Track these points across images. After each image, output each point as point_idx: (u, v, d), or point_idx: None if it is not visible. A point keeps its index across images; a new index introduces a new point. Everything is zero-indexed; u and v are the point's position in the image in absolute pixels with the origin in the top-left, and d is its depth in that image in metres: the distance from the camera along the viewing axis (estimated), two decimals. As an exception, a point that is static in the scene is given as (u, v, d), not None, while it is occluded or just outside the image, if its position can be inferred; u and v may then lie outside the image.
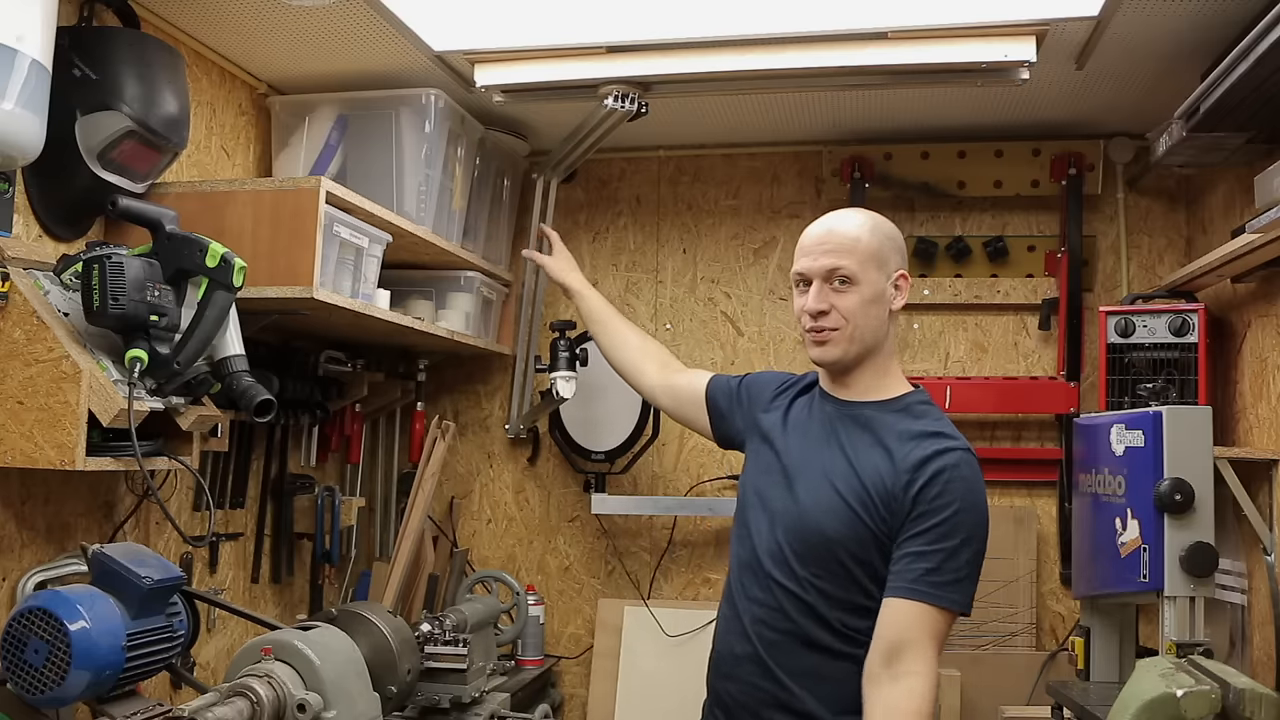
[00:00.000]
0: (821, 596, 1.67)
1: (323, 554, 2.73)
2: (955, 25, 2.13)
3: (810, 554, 1.68)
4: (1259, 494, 2.23)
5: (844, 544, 1.65)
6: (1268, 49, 1.76)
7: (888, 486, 1.64)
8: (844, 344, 1.73)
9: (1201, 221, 2.74)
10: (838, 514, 1.66)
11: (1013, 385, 2.84)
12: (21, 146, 1.57)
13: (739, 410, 1.98)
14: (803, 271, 1.75)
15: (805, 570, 1.68)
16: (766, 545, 1.73)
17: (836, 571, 1.66)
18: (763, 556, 1.73)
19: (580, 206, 3.14)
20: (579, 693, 3.00)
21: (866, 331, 1.73)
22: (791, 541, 1.70)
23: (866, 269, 1.71)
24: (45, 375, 1.64)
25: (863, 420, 1.75)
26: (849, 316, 1.71)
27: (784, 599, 1.69)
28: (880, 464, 1.67)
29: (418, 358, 3.00)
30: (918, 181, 2.90)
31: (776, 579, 1.70)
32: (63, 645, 1.46)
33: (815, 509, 1.69)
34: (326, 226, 2.03)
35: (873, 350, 1.75)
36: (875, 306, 1.73)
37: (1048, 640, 2.78)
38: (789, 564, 1.69)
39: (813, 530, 1.68)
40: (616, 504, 2.95)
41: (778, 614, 1.70)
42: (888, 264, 1.74)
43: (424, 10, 2.16)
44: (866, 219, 1.76)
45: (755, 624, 1.72)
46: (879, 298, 1.73)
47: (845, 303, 1.71)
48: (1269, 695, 1.52)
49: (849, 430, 1.75)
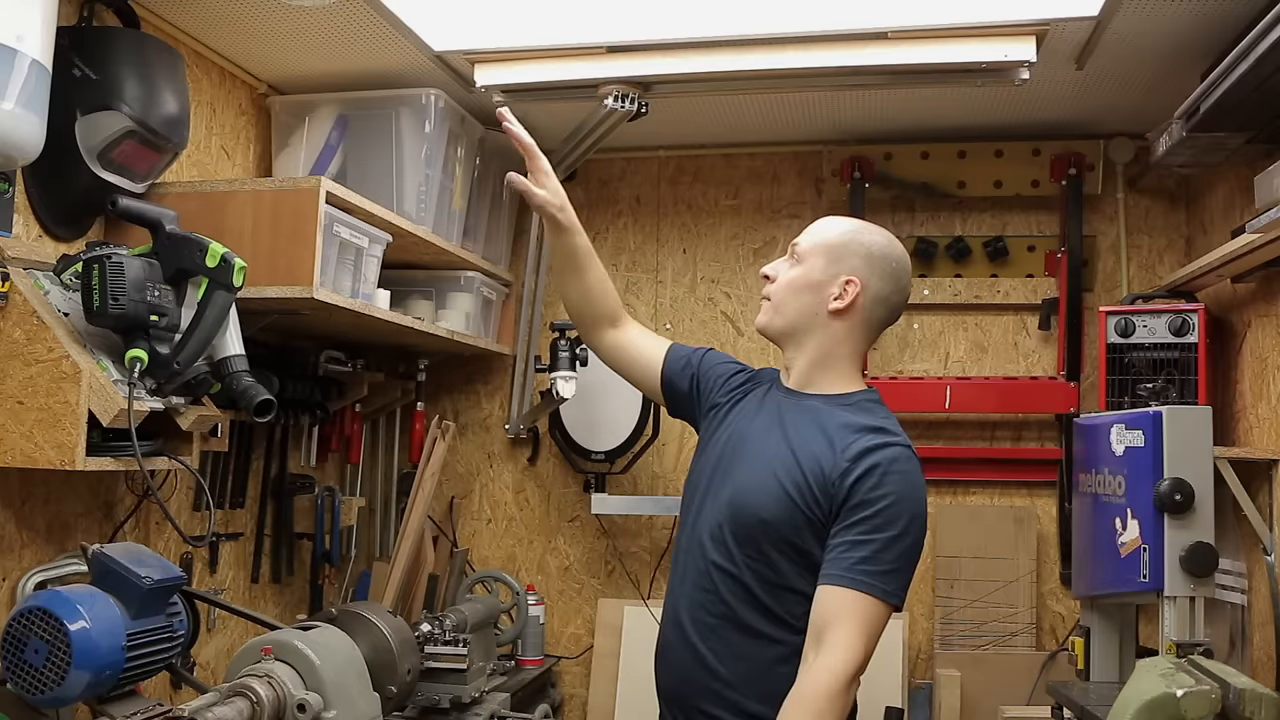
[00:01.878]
0: (757, 579, 1.68)
1: (323, 554, 2.73)
2: (955, 25, 2.13)
3: (748, 536, 1.69)
4: (1259, 494, 2.23)
5: (780, 527, 1.67)
6: (1268, 49, 1.76)
7: (825, 473, 1.66)
8: (769, 313, 1.80)
9: (1201, 221, 2.74)
10: (774, 498, 1.68)
11: (1013, 385, 2.84)
12: (21, 146, 1.57)
13: (696, 394, 1.97)
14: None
15: (741, 552, 1.69)
16: (708, 528, 1.75)
17: (771, 555, 1.68)
18: (704, 539, 1.74)
19: (580, 206, 3.09)
20: (579, 693, 3.00)
21: (789, 310, 1.77)
22: (730, 525, 1.71)
23: (815, 255, 1.76)
24: (45, 375, 1.64)
25: (809, 410, 1.77)
26: (779, 289, 1.78)
27: (721, 581, 1.70)
28: (820, 452, 1.68)
29: (418, 358, 3.00)
30: (918, 181, 2.90)
31: (716, 561, 1.71)
32: (63, 645, 1.46)
33: (753, 492, 1.71)
34: (326, 226, 2.03)
35: (796, 336, 1.77)
36: (807, 293, 1.75)
37: (1048, 640, 2.78)
38: (727, 545, 1.71)
39: (749, 514, 1.70)
40: (616, 504, 2.95)
41: (713, 597, 1.71)
42: (840, 262, 1.74)
43: (424, 10, 2.16)
44: (857, 225, 1.80)
45: (691, 608, 1.73)
46: (813, 286, 1.74)
47: (784, 276, 1.78)
48: (1269, 695, 1.52)
49: (794, 418, 1.77)
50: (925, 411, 2.86)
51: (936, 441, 2.90)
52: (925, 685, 2.78)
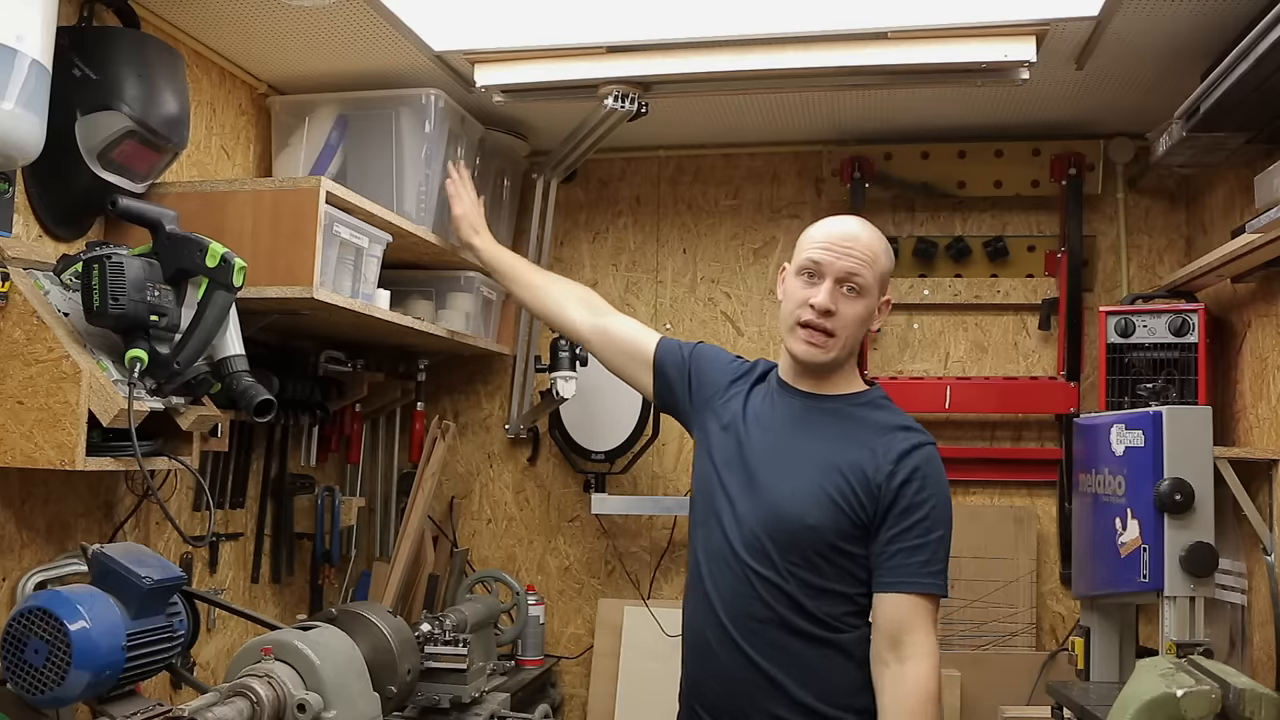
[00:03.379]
0: (802, 586, 1.69)
1: (323, 554, 2.73)
2: (955, 25, 2.13)
3: (791, 544, 1.70)
4: (1259, 494, 2.23)
5: (826, 533, 1.69)
6: (1268, 49, 1.76)
7: (868, 476, 1.69)
8: (835, 350, 1.77)
9: (1201, 221, 2.74)
10: (819, 504, 1.69)
11: (1013, 385, 2.84)
12: (21, 146, 1.56)
13: (688, 386, 1.97)
14: (820, 263, 1.75)
15: (785, 560, 1.70)
16: (742, 536, 1.74)
17: (817, 561, 1.69)
18: (738, 548, 1.74)
19: (580, 206, 3.14)
20: (579, 693, 3.00)
21: (854, 342, 1.79)
22: (771, 532, 1.71)
23: (875, 286, 1.77)
24: (45, 375, 1.64)
25: (834, 412, 1.79)
26: (849, 325, 1.75)
27: (763, 588, 1.71)
28: (858, 455, 1.71)
29: (418, 358, 3.00)
30: (918, 181, 2.90)
31: (755, 569, 1.72)
32: (63, 645, 1.46)
33: (795, 499, 1.71)
34: (326, 226, 2.02)
35: (850, 356, 1.83)
36: (867, 323, 1.79)
37: (1048, 640, 2.78)
38: (768, 554, 1.71)
39: (794, 520, 1.70)
40: (616, 504, 2.95)
41: (757, 603, 1.71)
42: (884, 286, 1.81)
43: (424, 10, 2.16)
44: (881, 238, 1.81)
45: (732, 613, 1.73)
46: (871, 316, 1.79)
47: (850, 310, 1.75)
48: (1269, 695, 1.52)
49: (821, 422, 1.78)
50: (925, 411, 2.85)
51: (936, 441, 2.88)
52: (925, 685, 2.77)
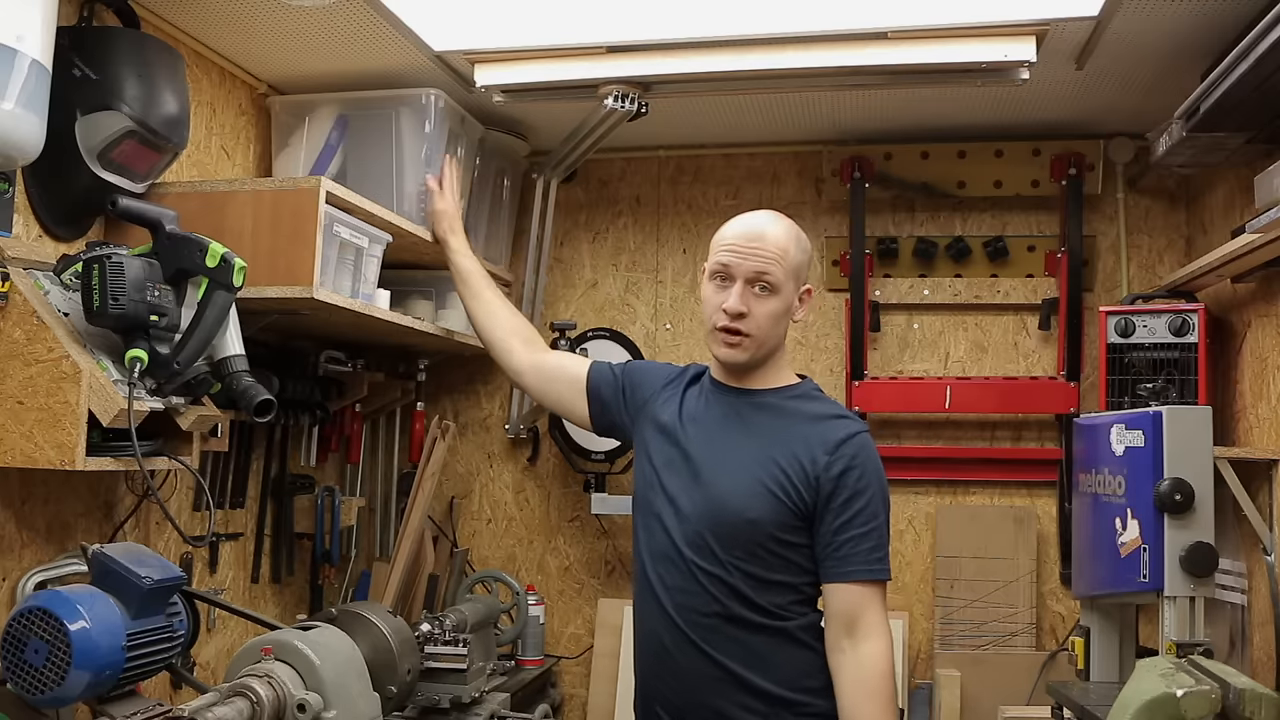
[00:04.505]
0: (747, 579, 1.72)
1: (323, 554, 2.73)
2: (955, 25, 2.13)
3: (733, 538, 1.73)
4: (1259, 494, 2.23)
5: (767, 526, 1.72)
6: (1268, 49, 1.76)
7: (805, 467, 1.72)
8: (753, 349, 1.80)
9: (1201, 221, 2.74)
10: (758, 497, 1.73)
11: (1013, 385, 2.84)
12: (21, 146, 1.56)
13: (623, 399, 2.01)
14: (727, 265, 1.78)
15: (729, 555, 1.73)
16: (684, 534, 1.76)
17: (760, 554, 1.72)
18: (682, 546, 1.76)
19: (580, 206, 3.14)
20: (579, 693, 3.00)
21: (773, 339, 1.82)
22: (713, 528, 1.74)
23: (787, 281, 1.79)
24: (45, 375, 1.64)
25: (766, 406, 1.82)
26: (763, 324, 1.78)
27: (709, 584, 1.73)
28: (795, 446, 1.74)
29: (418, 358, 3.00)
30: (918, 181, 2.90)
31: (700, 565, 1.74)
32: (63, 645, 1.46)
33: (735, 494, 1.74)
34: (326, 226, 2.02)
35: (773, 352, 1.84)
36: (785, 318, 1.82)
37: (1048, 640, 2.78)
38: (712, 550, 1.74)
39: (734, 515, 1.73)
40: (616, 504, 2.95)
41: (704, 598, 1.74)
42: (800, 277, 1.83)
43: (424, 10, 2.16)
44: (791, 229, 1.82)
45: (681, 611, 1.75)
46: (789, 310, 1.82)
47: (763, 309, 1.77)
48: (1269, 695, 1.52)
49: (754, 417, 1.82)
50: (925, 411, 2.86)
51: (936, 441, 2.90)
52: (925, 685, 2.78)
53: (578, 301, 3.12)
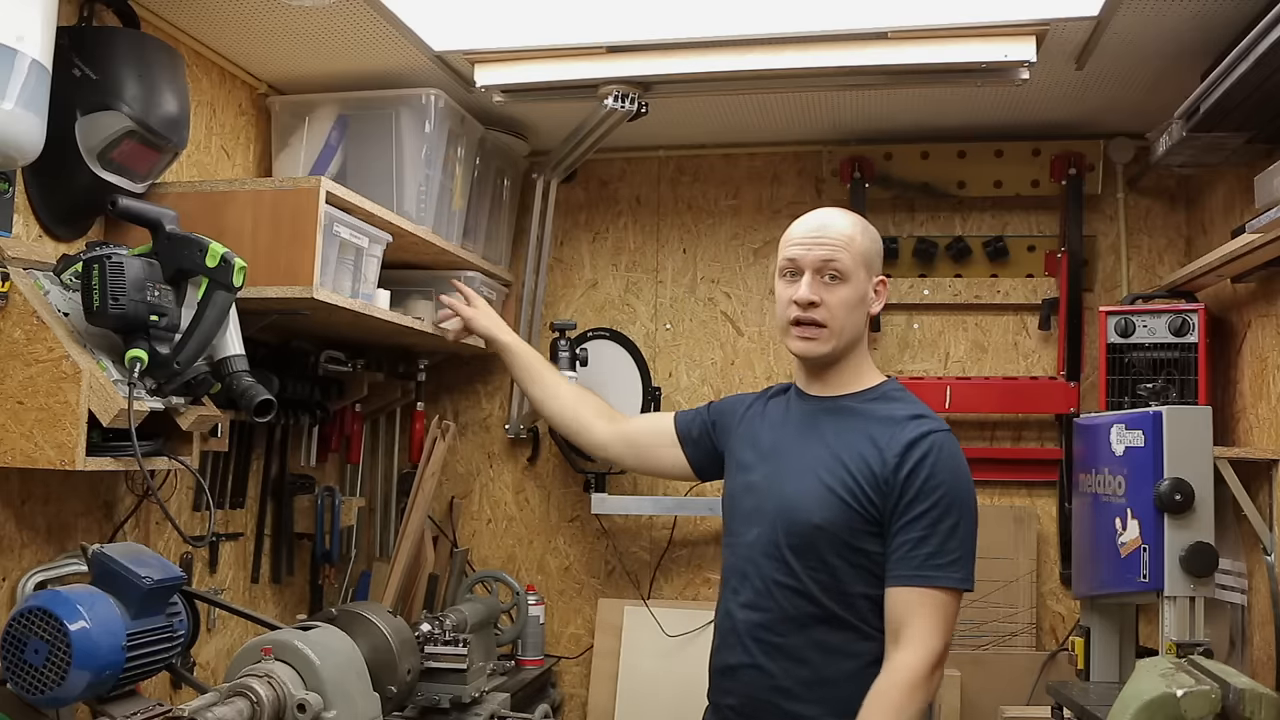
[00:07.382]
0: (821, 589, 1.67)
1: (323, 554, 2.73)
2: (955, 25, 2.13)
3: (805, 547, 1.69)
4: (1259, 494, 2.23)
5: (836, 531, 1.67)
6: (1268, 49, 1.76)
7: (874, 470, 1.66)
8: (831, 341, 1.76)
9: (1201, 221, 2.74)
10: (824, 502, 1.68)
11: (1013, 385, 2.84)
12: (21, 146, 1.56)
13: (713, 432, 1.99)
14: (795, 259, 1.76)
15: (802, 564, 1.69)
16: (762, 546, 1.74)
17: (834, 562, 1.67)
18: (758, 558, 1.73)
19: (580, 206, 3.14)
20: (579, 693, 3.00)
21: (849, 329, 1.76)
22: (786, 538, 1.71)
23: (857, 268, 1.75)
24: (45, 375, 1.64)
25: (841, 410, 1.78)
26: (836, 312, 1.74)
27: (782, 597, 1.70)
28: (865, 449, 1.69)
29: (418, 358, 3.00)
30: (918, 181, 2.90)
31: (774, 578, 1.71)
32: (63, 645, 1.46)
33: (803, 501, 1.70)
34: (326, 226, 2.03)
35: (851, 347, 1.79)
36: (860, 307, 1.77)
37: (1048, 640, 2.78)
38: (785, 560, 1.70)
39: (803, 522, 1.69)
40: (616, 504, 2.95)
41: (776, 616, 1.70)
42: (873, 267, 1.79)
43: (424, 10, 2.16)
44: (856, 220, 1.80)
45: (752, 630, 1.72)
46: (863, 299, 1.77)
47: (835, 297, 1.74)
48: (1269, 695, 1.52)
49: (828, 421, 1.77)
50: (925, 411, 2.86)
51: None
52: (925, 685, 2.78)
53: (578, 301, 3.13)
